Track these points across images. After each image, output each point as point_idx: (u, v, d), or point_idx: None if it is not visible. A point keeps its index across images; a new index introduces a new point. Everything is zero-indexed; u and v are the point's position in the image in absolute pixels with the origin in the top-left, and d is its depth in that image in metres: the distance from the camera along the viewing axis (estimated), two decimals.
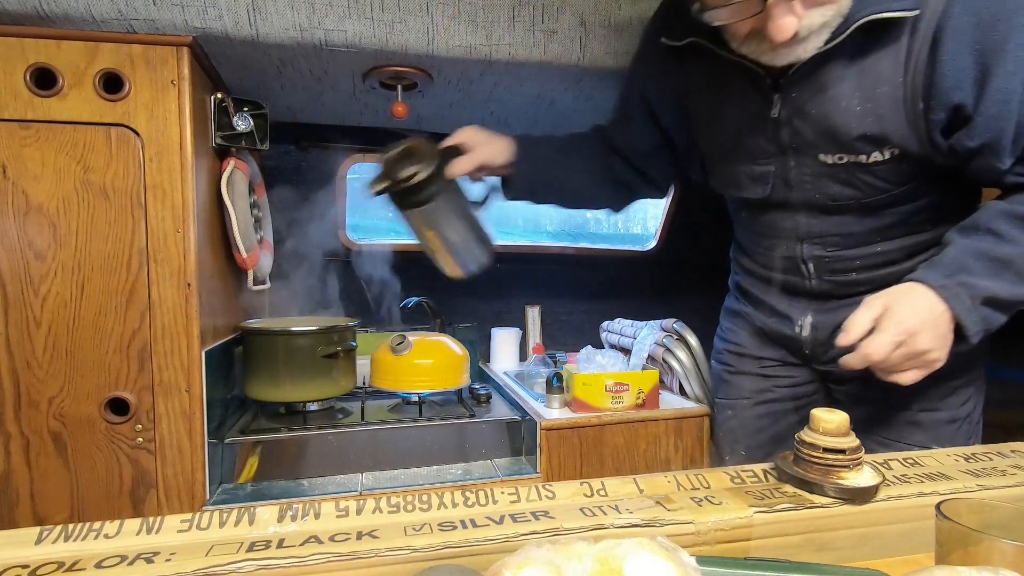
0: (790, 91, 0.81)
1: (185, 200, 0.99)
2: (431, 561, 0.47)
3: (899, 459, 0.67)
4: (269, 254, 1.37)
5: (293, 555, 0.46)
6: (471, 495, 0.57)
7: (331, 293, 1.72)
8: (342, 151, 1.67)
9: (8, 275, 0.94)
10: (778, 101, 0.82)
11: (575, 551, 0.38)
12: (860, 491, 0.56)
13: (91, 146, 0.95)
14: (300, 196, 1.67)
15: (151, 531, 0.50)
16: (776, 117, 0.83)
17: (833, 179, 0.84)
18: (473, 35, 1.08)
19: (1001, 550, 0.39)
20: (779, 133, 0.84)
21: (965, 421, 0.90)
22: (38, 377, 0.95)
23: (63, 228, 0.95)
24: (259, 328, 1.23)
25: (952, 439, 0.87)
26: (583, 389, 1.27)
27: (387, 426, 1.19)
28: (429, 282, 1.73)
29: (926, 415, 0.88)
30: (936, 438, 0.87)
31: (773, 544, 0.54)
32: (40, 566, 0.45)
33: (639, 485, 0.59)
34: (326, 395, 1.27)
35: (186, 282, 0.99)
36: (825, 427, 0.59)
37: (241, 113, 1.15)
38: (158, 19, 0.95)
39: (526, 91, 1.33)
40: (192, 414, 1.01)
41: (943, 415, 0.88)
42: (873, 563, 0.53)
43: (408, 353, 1.27)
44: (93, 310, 0.97)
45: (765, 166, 0.89)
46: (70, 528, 0.50)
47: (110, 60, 0.95)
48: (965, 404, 0.90)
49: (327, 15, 1.01)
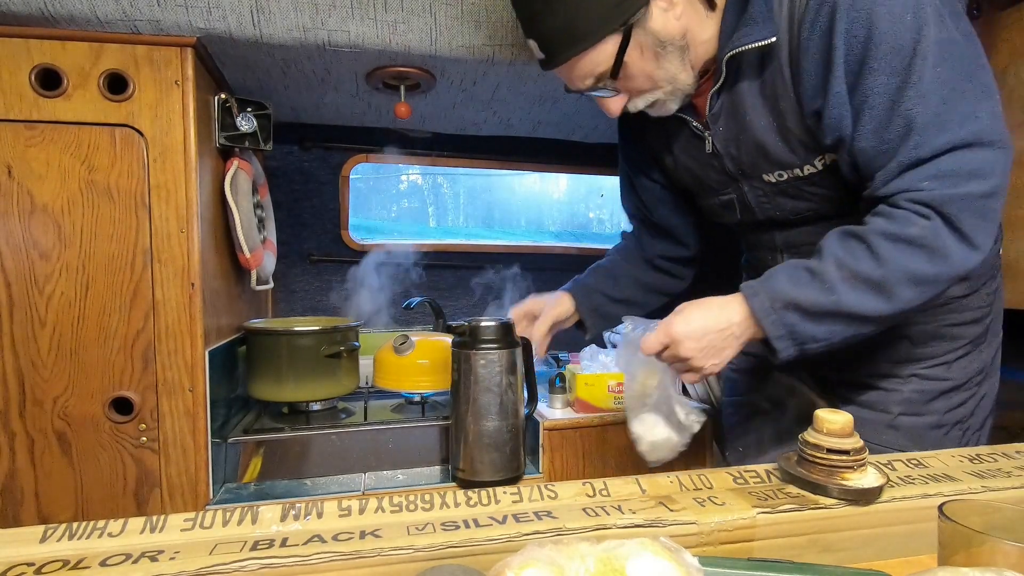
0: (716, 127, 0.86)
1: (189, 200, 0.99)
2: (434, 560, 0.48)
3: (903, 460, 0.67)
4: (272, 254, 1.37)
5: (296, 554, 0.46)
6: (474, 495, 0.57)
7: (333, 293, 1.72)
8: (345, 151, 1.67)
9: (13, 275, 0.94)
10: (709, 137, 0.88)
11: (578, 551, 0.38)
12: (864, 492, 0.56)
13: (95, 146, 0.96)
14: (303, 196, 1.68)
15: (155, 530, 0.50)
16: (712, 152, 0.89)
17: (784, 195, 0.88)
18: (476, 35, 1.08)
19: (1004, 551, 0.39)
20: (723, 165, 0.90)
21: (955, 427, 0.88)
22: (43, 376, 0.96)
23: (68, 228, 0.96)
24: (262, 328, 1.23)
25: (939, 445, 0.84)
26: (586, 389, 1.27)
27: (390, 426, 1.19)
28: (431, 282, 1.74)
29: (907, 419, 0.87)
30: (918, 443, 0.85)
31: (776, 545, 0.54)
32: (45, 564, 0.46)
33: (642, 485, 0.59)
34: (329, 395, 1.27)
35: (190, 282, 1.00)
36: (829, 428, 0.59)
37: (245, 113, 1.16)
38: (162, 20, 0.96)
39: (529, 91, 1.33)
40: (196, 414, 1.01)
41: (926, 420, 0.87)
42: (877, 564, 0.53)
43: (411, 353, 1.28)
44: (97, 310, 0.97)
45: (728, 195, 0.95)
46: (74, 527, 0.50)
47: (114, 61, 0.96)
48: (956, 410, 0.88)
49: (330, 16, 1.02)
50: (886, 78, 0.70)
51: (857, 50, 0.70)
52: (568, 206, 2.96)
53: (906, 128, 0.70)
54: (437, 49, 1.08)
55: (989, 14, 1.32)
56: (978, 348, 0.88)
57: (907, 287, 0.71)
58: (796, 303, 0.74)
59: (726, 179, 0.92)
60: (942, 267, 0.71)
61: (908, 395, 0.87)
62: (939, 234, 0.70)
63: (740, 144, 0.86)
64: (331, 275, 1.72)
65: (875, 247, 0.72)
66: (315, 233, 1.70)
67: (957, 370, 0.87)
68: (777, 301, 0.75)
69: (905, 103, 0.69)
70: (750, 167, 0.87)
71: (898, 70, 0.69)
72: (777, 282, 0.76)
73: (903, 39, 0.68)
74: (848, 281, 0.72)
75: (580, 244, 2.01)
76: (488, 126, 1.63)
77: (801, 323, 0.74)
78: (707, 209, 1.03)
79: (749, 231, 0.99)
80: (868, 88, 0.71)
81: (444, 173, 2.86)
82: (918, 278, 0.71)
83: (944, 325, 0.87)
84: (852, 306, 0.73)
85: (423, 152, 1.73)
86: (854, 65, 0.71)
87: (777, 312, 0.75)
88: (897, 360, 0.88)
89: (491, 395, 1.04)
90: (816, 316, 0.74)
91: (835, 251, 0.74)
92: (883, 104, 0.71)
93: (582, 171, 1.92)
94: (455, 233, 2.30)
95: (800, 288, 0.74)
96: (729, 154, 0.88)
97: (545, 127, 1.65)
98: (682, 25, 0.77)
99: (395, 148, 1.68)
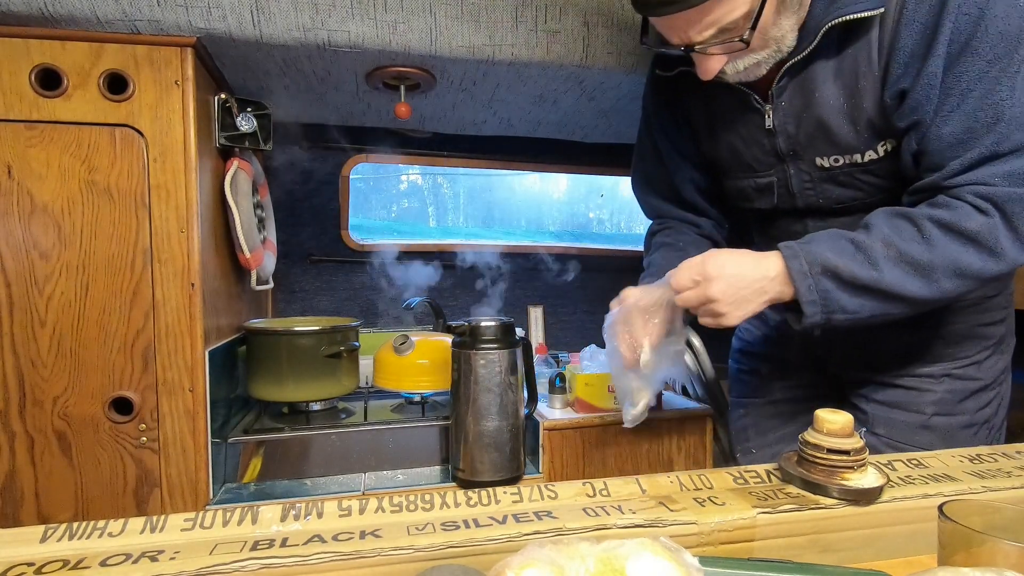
0: (779, 101, 0.82)
1: (189, 200, 0.99)
2: (434, 561, 0.48)
3: (903, 460, 0.67)
4: (272, 254, 1.37)
5: (296, 554, 0.46)
6: (474, 495, 0.57)
7: (333, 293, 1.72)
8: (345, 151, 1.67)
9: (13, 275, 0.94)
10: (769, 112, 0.84)
11: (578, 551, 0.38)
12: (864, 492, 0.56)
13: (95, 146, 0.96)
14: (303, 196, 1.68)
15: (155, 530, 0.50)
16: (770, 128, 0.85)
17: (833, 182, 0.85)
18: (476, 35, 1.08)
19: (1004, 551, 0.39)
20: (775, 143, 0.86)
21: (983, 426, 0.88)
22: (43, 376, 0.96)
23: (68, 228, 0.96)
24: (262, 328, 1.23)
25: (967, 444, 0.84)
26: (585, 389, 1.27)
27: (390, 426, 1.19)
28: (431, 282, 1.74)
29: (941, 419, 0.86)
30: (950, 443, 0.84)
31: (776, 545, 0.54)
32: (45, 564, 0.46)
33: (642, 485, 0.59)
34: (329, 395, 1.27)
35: (190, 282, 1.00)
36: (829, 428, 0.59)
37: (244, 113, 1.16)
38: (162, 20, 0.96)
39: (529, 91, 1.33)
40: (196, 414, 1.01)
41: (959, 420, 0.87)
42: (877, 564, 0.53)
43: (411, 353, 1.28)
44: (97, 310, 0.97)
45: (768, 177, 0.91)
46: (75, 527, 0.50)
47: (114, 61, 0.96)
48: (984, 409, 0.88)
49: (330, 16, 1.02)
50: (986, 64, 0.68)
51: (966, 29, 0.67)
52: (568, 206, 2.96)
53: (994, 119, 0.68)
54: (437, 49, 1.08)
55: None
56: (1001, 348, 0.89)
57: (951, 277, 0.71)
58: (835, 271, 0.73)
59: (772, 159, 0.88)
60: (991, 264, 0.70)
61: (942, 395, 0.87)
62: (996, 231, 0.70)
63: (801, 122, 0.82)
64: (331, 275, 1.72)
65: (927, 232, 0.71)
66: (315, 233, 1.70)
67: (986, 370, 0.88)
68: (816, 265, 0.74)
69: (999, 93, 0.68)
70: (806, 148, 0.84)
71: (1000, 56, 0.67)
72: (819, 247, 0.75)
73: (1013, 24, 0.66)
74: (893, 260, 0.72)
75: (580, 244, 2.01)
76: (488, 126, 1.63)
77: (836, 291, 0.73)
78: (736, 191, 0.97)
79: (779, 219, 0.95)
80: (965, 70, 0.69)
81: (444, 173, 2.86)
82: (964, 271, 0.71)
83: (975, 325, 0.87)
84: (892, 285, 0.72)
85: (423, 152, 1.73)
86: (957, 46, 0.68)
87: (814, 276, 0.74)
88: (931, 360, 0.88)
89: (491, 395, 1.05)
90: (852, 288, 0.73)
91: (883, 228, 0.73)
92: (976, 91, 0.69)
93: (582, 171, 1.92)
94: (455, 233, 2.30)
95: (842, 257, 0.73)
96: (785, 132, 0.84)
97: (545, 127, 1.65)
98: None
99: (395, 148, 1.68)
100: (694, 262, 0.78)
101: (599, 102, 1.41)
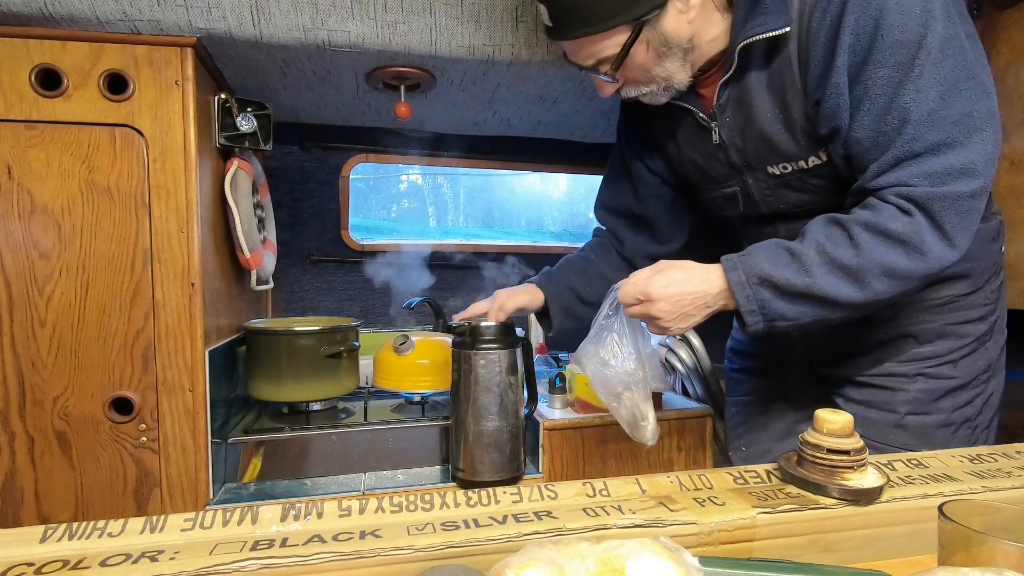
0: (723, 117, 0.87)
1: (189, 200, 0.99)
2: (434, 561, 0.48)
3: (903, 460, 0.67)
4: (272, 254, 1.37)
5: (296, 554, 0.46)
6: (474, 495, 0.57)
7: (333, 293, 1.72)
8: (345, 151, 1.67)
9: (13, 275, 0.94)
10: (715, 128, 0.89)
11: (578, 551, 0.38)
12: (864, 492, 0.56)
13: (95, 146, 0.96)
14: (303, 196, 1.68)
15: (155, 530, 0.50)
16: (719, 143, 0.90)
17: (788, 188, 0.89)
18: (476, 35, 1.08)
19: (1004, 551, 0.39)
20: (729, 156, 0.91)
21: (964, 425, 0.88)
22: (43, 376, 0.96)
23: (68, 228, 0.96)
24: (262, 328, 1.23)
25: (946, 444, 0.84)
26: (586, 389, 1.27)
27: (390, 426, 1.19)
28: (431, 282, 1.74)
29: (914, 419, 0.87)
30: (927, 442, 0.85)
31: (776, 545, 0.54)
32: (45, 564, 0.46)
33: (641, 485, 0.59)
34: (329, 395, 1.27)
35: (190, 282, 1.00)
36: (829, 428, 0.59)
37: (245, 113, 1.16)
38: (162, 20, 0.96)
39: (529, 91, 1.33)
40: (196, 414, 1.01)
41: (934, 419, 0.87)
42: (877, 564, 0.53)
43: (411, 353, 1.28)
44: (97, 310, 0.97)
45: (731, 187, 0.95)
46: (74, 527, 0.50)
47: (114, 61, 0.96)
48: (964, 408, 0.88)
49: (330, 16, 1.02)
50: (888, 71, 0.70)
51: (864, 40, 0.71)
52: (568, 206, 2.96)
53: (902, 122, 0.71)
54: (437, 49, 1.08)
55: (989, 14, 1.32)
56: (983, 346, 0.88)
57: (881, 279, 0.73)
58: (771, 280, 0.76)
59: (731, 171, 0.92)
60: (918, 263, 0.72)
61: (915, 394, 0.87)
62: (920, 231, 0.71)
63: (746, 135, 0.86)
64: (331, 275, 1.72)
65: (855, 236, 0.73)
66: (315, 233, 1.70)
67: (963, 368, 0.87)
68: (753, 276, 0.77)
69: (904, 96, 0.70)
70: (755, 159, 0.88)
71: (901, 63, 0.70)
72: (755, 258, 0.78)
73: (910, 32, 0.69)
74: (825, 266, 0.74)
75: (580, 244, 2.01)
76: (488, 126, 1.63)
77: (774, 300, 0.77)
78: (709, 202, 1.02)
79: (752, 224, 0.99)
80: (869, 79, 0.72)
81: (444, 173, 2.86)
82: (893, 272, 0.73)
83: (949, 323, 0.87)
84: (825, 290, 0.74)
85: (423, 152, 1.73)
86: (859, 56, 0.72)
87: (752, 287, 0.77)
88: (903, 359, 0.88)
89: (491, 395, 1.04)
90: (789, 296, 0.76)
91: (817, 235, 0.76)
92: (882, 96, 0.71)
93: (582, 171, 1.92)
94: (455, 233, 2.30)
95: (777, 267, 0.76)
96: (735, 145, 0.89)
97: (545, 127, 1.65)
98: (693, 28, 0.79)
99: (395, 148, 1.68)
100: (639, 280, 0.83)
101: (599, 102, 1.41)
